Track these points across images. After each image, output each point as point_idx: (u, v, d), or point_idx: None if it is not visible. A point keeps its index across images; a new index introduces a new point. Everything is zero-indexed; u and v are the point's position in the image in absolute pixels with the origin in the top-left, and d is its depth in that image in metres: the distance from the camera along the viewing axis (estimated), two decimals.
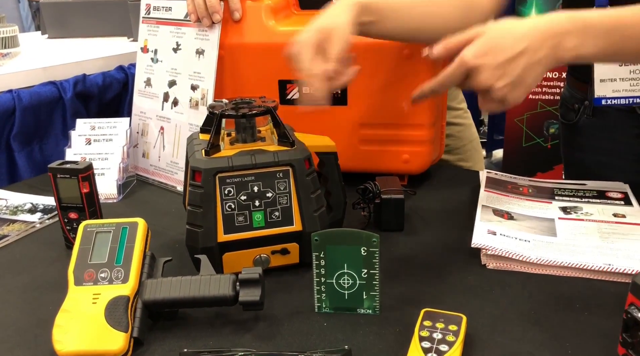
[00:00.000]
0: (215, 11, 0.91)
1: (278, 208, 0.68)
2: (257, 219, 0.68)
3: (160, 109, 1.03)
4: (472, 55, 0.60)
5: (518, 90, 0.61)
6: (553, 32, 0.61)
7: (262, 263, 0.69)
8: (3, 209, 0.93)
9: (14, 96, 1.11)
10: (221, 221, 0.67)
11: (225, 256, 0.68)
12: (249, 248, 0.69)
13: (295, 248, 0.70)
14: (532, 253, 0.68)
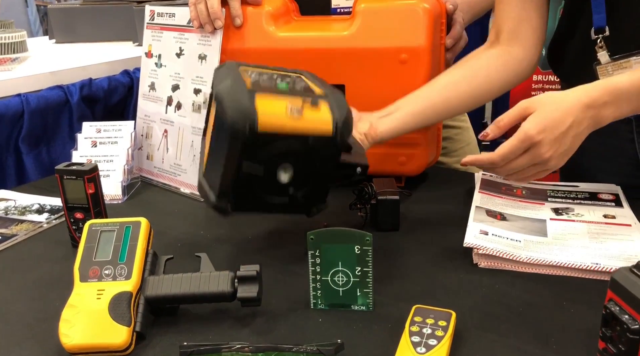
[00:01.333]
0: (217, 17, 0.94)
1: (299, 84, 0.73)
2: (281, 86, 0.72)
3: (164, 112, 1.06)
4: (536, 131, 0.67)
5: (565, 158, 0.69)
6: (593, 105, 0.68)
7: (297, 112, 0.66)
8: (12, 209, 0.96)
9: (23, 99, 1.14)
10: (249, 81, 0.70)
11: (258, 97, 0.66)
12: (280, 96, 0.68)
13: (325, 104, 0.69)
14: (522, 252, 0.70)
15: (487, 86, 0.87)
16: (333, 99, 0.71)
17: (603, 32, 0.81)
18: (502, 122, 0.70)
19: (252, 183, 0.68)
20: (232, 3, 0.95)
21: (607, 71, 0.82)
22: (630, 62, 0.80)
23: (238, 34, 0.97)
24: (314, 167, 0.70)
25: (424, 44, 0.90)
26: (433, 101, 0.85)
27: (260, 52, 0.97)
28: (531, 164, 0.69)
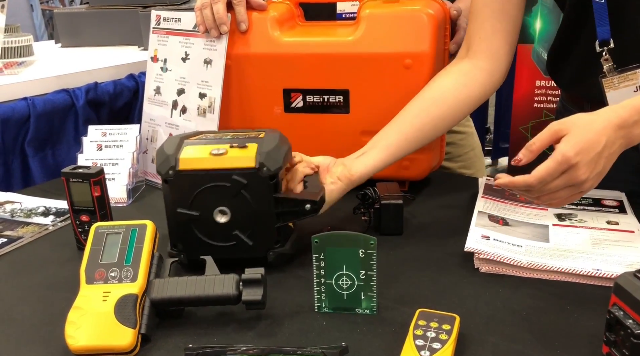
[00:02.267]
0: (222, 23, 0.95)
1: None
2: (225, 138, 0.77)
3: (169, 116, 1.07)
4: (574, 152, 0.66)
5: (599, 179, 0.68)
6: (624, 125, 0.68)
7: (218, 150, 0.71)
8: (18, 212, 0.96)
9: (29, 103, 1.15)
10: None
11: (186, 145, 0.74)
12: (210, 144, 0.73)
13: (254, 146, 0.72)
14: (523, 257, 0.71)
15: (458, 105, 0.87)
16: (266, 140, 0.73)
17: (608, 45, 0.81)
18: (534, 146, 0.69)
19: (194, 229, 0.72)
20: (237, 8, 0.96)
21: (613, 83, 0.82)
22: (637, 74, 0.81)
23: (243, 38, 0.98)
24: (250, 206, 0.71)
25: (428, 50, 0.90)
26: (406, 133, 0.85)
27: (265, 57, 0.97)
28: (567, 186, 0.68)
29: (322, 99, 0.97)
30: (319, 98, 0.97)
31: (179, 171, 0.71)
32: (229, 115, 1.02)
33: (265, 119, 1.00)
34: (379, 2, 0.95)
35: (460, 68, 0.89)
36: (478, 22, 0.88)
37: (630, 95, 0.82)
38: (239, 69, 0.99)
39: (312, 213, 0.73)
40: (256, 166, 0.70)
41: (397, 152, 0.85)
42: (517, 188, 0.69)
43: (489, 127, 3.67)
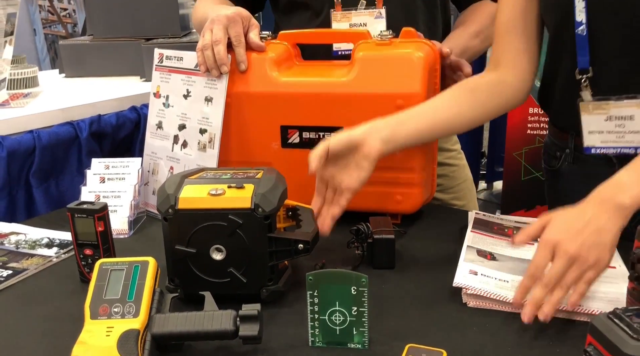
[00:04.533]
0: (223, 63, 0.99)
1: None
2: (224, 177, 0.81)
3: (170, 150, 1.11)
4: (553, 233, 0.70)
5: (600, 250, 0.69)
6: (603, 198, 0.71)
7: (216, 190, 0.75)
8: (22, 243, 0.99)
9: (35, 136, 1.19)
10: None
11: (186, 185, 0.77)
12: (209, 184, 0.77)
13: (250, 186, 0.75)
14: (509, 293, 0.74)
15: (485, 109, 0.94)
16: (263, 180, 0.77)
17: (587, 73, 0.87)
18: (527, 230, 0.74)
19: (191, 265, 0.75)
20: (237, 49, 1.01)
21: (588, 108, 0.88)
22: (609, 105, 0.86)
23: (243, 78, 1.02)
24: (244, 244, 0.74)
25: (419, 90, 0.95)
26: (436, 120, 0.91)
27: (263, 96, 1.02)
28: (567, 267, 0.69)
29: (317, 136, 1.01)
30: (314, 134, 1.01)
31: (179, 209, 0.74)
32: (228, 150, 1.06)
33: (263, 154, 1.04)
34: (372, 44, 1.00)
35: (489, 79, 0.97)
36: (505, 43, 0.96)
37: (601, 123, 0.88)
38: (239, 107, 1.03)
39: (304, 253, 0.77)
40: (251, 207, 0.74)
41: (424, 137, 0.92)
42: (528, 286, 0.71)
43: (484, 151, 3.72)
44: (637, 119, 0.85)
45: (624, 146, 0.88)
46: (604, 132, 0.88)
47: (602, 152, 0.89)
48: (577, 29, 0.85)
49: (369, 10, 1.11)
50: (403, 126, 0.88)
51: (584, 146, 0.90)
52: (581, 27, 0.85)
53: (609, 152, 0.89)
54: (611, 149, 0.89)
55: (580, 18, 0.84)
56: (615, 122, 0.87)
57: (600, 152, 0.90)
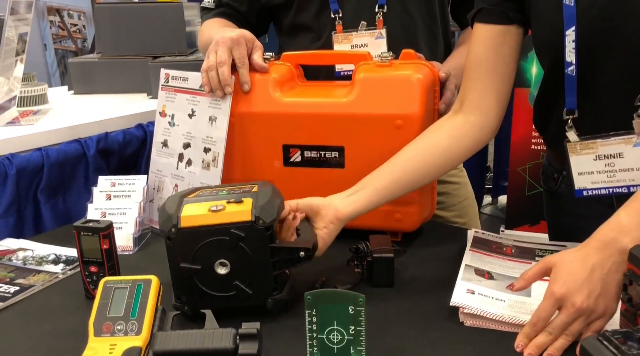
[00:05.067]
0: (227, 84, 1.02)
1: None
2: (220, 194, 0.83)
3: (175, 167, 1.13)
4: (558, 285, 0.70)
5: (607, 299, 0.69)
6: (605, 245, 0.70)
7: (217, 207, 0.77)
8: (30, 259, 1.02)
9: (43, 153, 1.22)
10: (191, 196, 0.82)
11: (186, 204, 0.79)
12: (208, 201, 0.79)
13: (249, 200, 0.78)
14: (505, 312, 0.75)
15: (448, 156, 0.93)
16: (260, 194, 0.79)
17: (573, 114, 0.87)
18: (526, 275, 0.75)
19: (197, 282, 0.77)
20: (241, 71, 1.03)
21: (575, 149, 0.88)
22: (597, 144, 0.86)
23: (246, 98, 1.05)
24: (248, 257, 0.77)
25: (417, 111, 0.97)
26: (396, 176, 0.91)
27: (266, 116, 1.04)
28: (574, 320, 0.69)
29: (319, 155, 1.03)
30: (316, 153, 1.03)
31: (181, 228, 0.76)
32: (231, 168, 1.08)
33: (265, 173, 1.06)
34: (373, 65, 1.02)
35: (453, 122, 0.95)
36: (471, 80, 0.94)
37: (590, 162, 0.87)
38: (242, 126, 1.05)
39: (306, 260, 0.79)
40: (252, 220, 0.76)
41: (387, 195, 0.91)
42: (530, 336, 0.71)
43: (489, 166, 3.73)
44: (627, 156, 0.84)
45: (616, 186, 0.87)
46: (594, 172, 0.87)
47: (594, 194, 0.88)
48: (567, 69, 0.85)
49: (370, 32, 1.14)
50: (363, 191, 0.89)
51: (575, 189, 0.89)
52: (571, 68, 0.85)
53: (601, 194, 0.87)
54: (603, 189, 0.88)
55: (570, 59, 0.84)
56: (605, 161, 0.86)
57: (592, 194, 0.88)
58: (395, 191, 0.92)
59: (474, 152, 0.95)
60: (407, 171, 0.92)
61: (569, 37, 0.83)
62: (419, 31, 1.20)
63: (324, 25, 1.18)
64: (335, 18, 1.16)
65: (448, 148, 0.93)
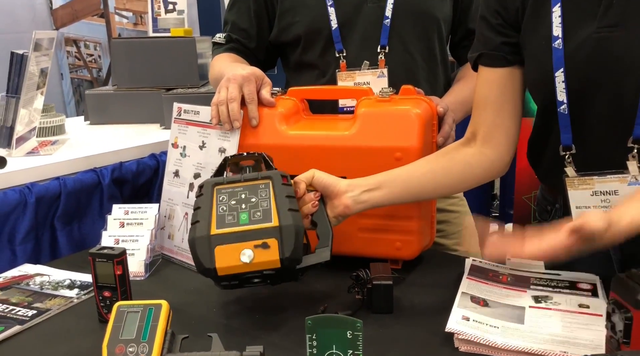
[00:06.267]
0: (235, 119, 1.07)
1: (259, 209, 0.86)
2: (242, 217, 0.86)
3: (186, 197, 1.18)
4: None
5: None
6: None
7: (247, 257, 0.83)
8: (46, 284, 1.07)
9: (61, 183, 1.28)
10: (215, 218, 0.86)
11: (217, 249, 0.84)
12: (235, 242, 0.84)
13: (274, 243, 0.84)
14: (498, 338, 0.78)
15: (461, 180, 0.99)
16: (284, 232, 0.85)
17: (570, 150, 0.91)
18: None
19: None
20: (250, 106, 1.09)
21: (573, 183, 0.91)
22: (594, 180, 0.89)
23: (254, 131, 1.10)
24: (279, 276, 0.87)
25: (416, 144, 1.02)
26: (410, 187, 0.97)
27: (273, 148, 1.09)
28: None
29: None
30: None
31: (219, 276, 0.85)
32: None
33: None
34: (374, 100, 1.08)
35: (468, 150, 1.00)
36: (482, 116, 0.99)
37: (587, 198, 0.91)
38: None
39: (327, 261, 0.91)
40: (281, 267, 0.84)
41: (395, 201, 0.97)
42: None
43: (496, 194, 3.75)
44: (622, 193, 0.87)
45: None
46: (591, 207, 0.91)
47: None
48: (559, 108, 0.89)
49: (372, 71, 1.20)
50: (378, 191, 0.94)
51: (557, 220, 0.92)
52: (563, 106, 0.89)
53: None
54: None
55: (562, 98, 0.88)
56: (601, 197, 0.89)
57: None
58: (404, 199, 0.98)
59: (482, 182, 1.00)
60: (421, 184, 0.97)
61: (558, 78, 0.88)
62: (420, 70, 1.25)
63: (329, 63, 1.24)
64: (339, 57, 1.23)
65: (462, 173, 0.98)
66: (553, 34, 0.88)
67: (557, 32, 0.88)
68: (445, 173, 0.97)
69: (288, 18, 1.28)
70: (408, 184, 0.96)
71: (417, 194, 0.98)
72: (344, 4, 1.23)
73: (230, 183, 0.89)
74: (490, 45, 0.97)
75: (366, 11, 1.23)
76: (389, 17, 1.21)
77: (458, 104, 1.23)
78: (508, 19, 0.95)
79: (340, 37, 1.22)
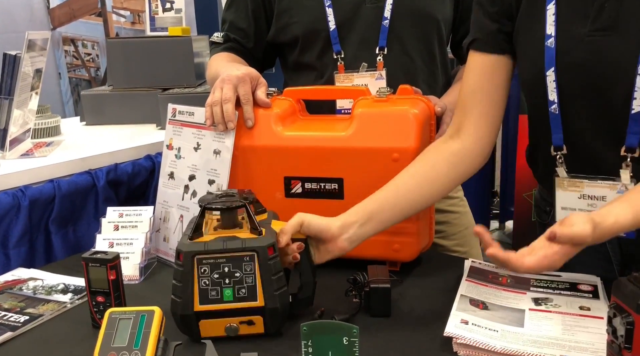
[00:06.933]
0: (230, 120, 1.06)
1: (244, 286, 0.83)
2: (226, 294, 0.82)
3: (181, 199, 1.17)
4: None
5: None
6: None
7: (232, 331, 0.83)
8: (39, 289, 1.05)
9: (55, 185, 1.27)
10: (197, 294, 0.82)
11: (201, 322, 0.83)
12: (220, 318, 0.83)
13: (259, 320, 0.83)
14: (497, 343, 0.77)
15: (448, 184, 0.98)
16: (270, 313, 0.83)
17: (561, 150, 0.90)
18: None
19: None
20: (245, 107, 1.07)
21: (563, 184, 0.91)
22: (583, 183, 0.89)
23: (249, 132, 1.09)
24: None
25: (413, 145, 1.00)
26: (401, 207, 0.95)
27: (268, 149, 1.08)
28: None
29: (319, 186, 1.06)
30: (316, 185, 1.07)
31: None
32: None
33: (267, 203, 1.08)
34: (371, 101, 1.06)
35: (450, 148, 0.98)
36: (467, 108, 0.97)
37: (575, 200, 0.90)
38: (245, 159, 1.09)
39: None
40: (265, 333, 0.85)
41: (389, 224, 0.95)
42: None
43: (496, 191, 3.74)
44: (610, 200, 0.86)
45: None
46: (576, 209, 0.90)
47: None
48: (550, 108, 0.88)
49: (370, 73, 1.18)
50: (369, 224, 0.92)
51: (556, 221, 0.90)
52: (554, 106, 0.88)
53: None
54: None
55: (552, 97, 0.87)
56: (588, 201, 0.89)
57: None
58: (398, 220, 0.96)
59: (467, 178, 0.99)
60: (410, 200, 0.95)
61: (549, 77, 0.87)
62: (419, 71, 1.24)
63: (327, 65, 1.23)
64: (337, 59, 1.21)
65: (447, 175, 0.97)
66: (546, 33, 0.87)
67: (550, 30, 0.86)
68: (431, 183, 0.96)
69: (285, 18, 1.26)
70: (397, 206, 0.94)
71: (407, 213, 0.96)
72: (342, 5, 1.21)
73: (212, 252, 0.82)
74: (485, 30, 0.96)
75: (365, 12, 1.21)
76: (387, 18, 1.19)
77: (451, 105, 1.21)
78: (503, 9, 0.94)
79: (338, 38, 1.20)
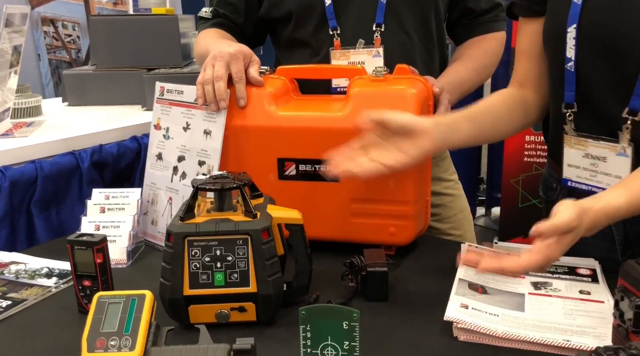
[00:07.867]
0: (222, 99, 1.02)
1: (236, 270, 0.79)
2: (218, 278, 0.79)
3: (170, 180, 1.13)
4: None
5: None
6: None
7: (223, 318, 0.80)
8: (22, 273, 1.01)
9: (37, 166, 1.22)
10: (187, 277, 0.79)
11: (191, 308, 0.80)
12: (210, 303, 0.80)
13: (251, 306, 0.80)
14: (499, 327, 0.75)
15: (519, 121, 1.00)
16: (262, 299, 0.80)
17: (572, 108, 0.91)
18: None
19: None
20: (238, 86, 1.03)
21: (570, 142, 0.93)
22: (588, 143, 0.91)
23: (241, 112, 1.05)
24: None
25: None
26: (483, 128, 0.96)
27: (261, 129, 1.04)
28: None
29: (313, 168, 1.03)
30: (310, 167, 1.04)
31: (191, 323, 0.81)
32: None
33: (260, 186, 1.05)
34: (367, 80, 1.03)
35: (516, 95, 1.01)
36: (526, 66, 1.01)
37: (579, 158, 0.93)
38: (237, 140, 1.06)
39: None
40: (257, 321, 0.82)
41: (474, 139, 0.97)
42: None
43: (483, 178, 3.75)
44: (610, 161, 0.88)
45: (595, 185, 0.91)
46: (580, 168, 0.92)
47: (576, 187, 0.93)
48: (567, 65, 0.89)
49: (367, 50, 1.15)
50: (457, 133, 0.91)
51: (562, 177, 0.95)
52: (570, 64, 0.89)
53: (581, 188, 0.92)
54: (584, 185, 0.93)
55: (570, 54, 0.88)
56: (591, 160, 0.91)
57: (574, 186, 0.93)
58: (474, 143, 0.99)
59: (529, 126, 1.04)
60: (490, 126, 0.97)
61: (570, 34, 0.87)
62: (416, 49, 1.21)
63: (322, 41, 1.19)
64: (333, 35, 1.17)
65: (519, 115, 1.00)
66: None
67: None
68: (510, 118, 0.99)
69: None
70: (482, 126, 0.95)
71: (485, 138, 1.03)
72: None
73: (204, 235, 0.79)
74: None
75: None
76: None
77: (454, 84, 1.19)
78: None
79: (334, 13, 1.16)
